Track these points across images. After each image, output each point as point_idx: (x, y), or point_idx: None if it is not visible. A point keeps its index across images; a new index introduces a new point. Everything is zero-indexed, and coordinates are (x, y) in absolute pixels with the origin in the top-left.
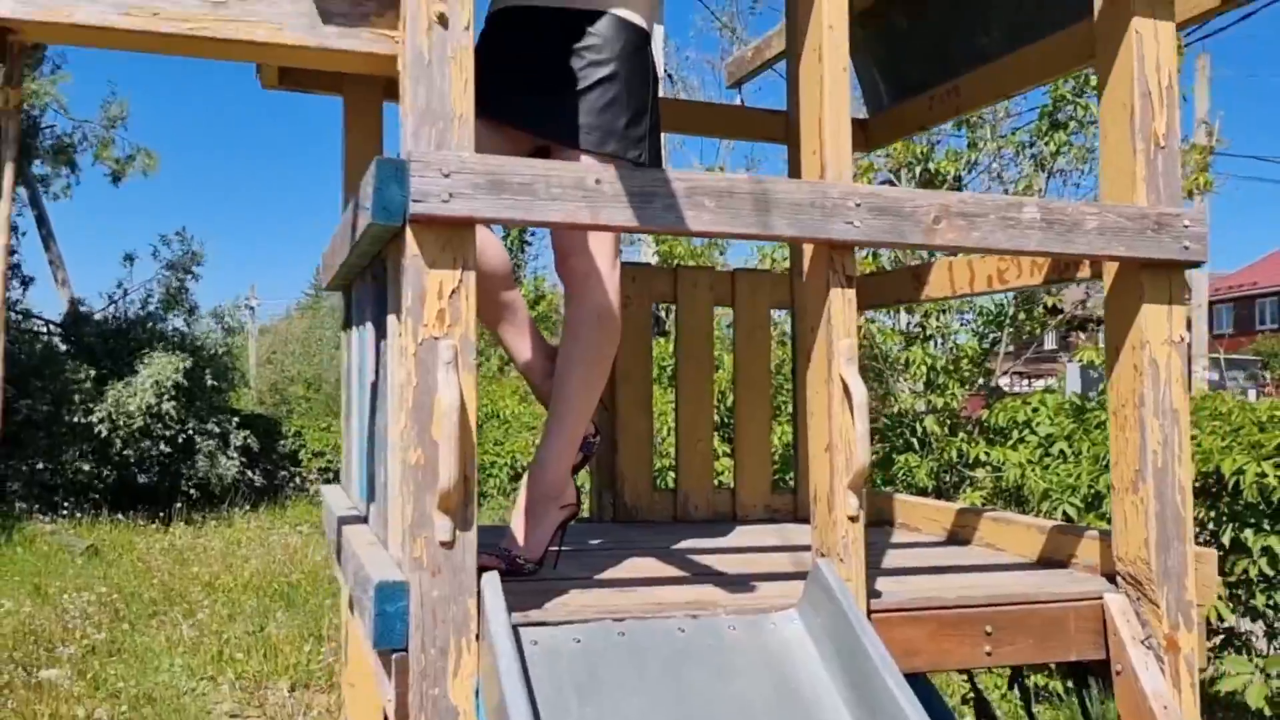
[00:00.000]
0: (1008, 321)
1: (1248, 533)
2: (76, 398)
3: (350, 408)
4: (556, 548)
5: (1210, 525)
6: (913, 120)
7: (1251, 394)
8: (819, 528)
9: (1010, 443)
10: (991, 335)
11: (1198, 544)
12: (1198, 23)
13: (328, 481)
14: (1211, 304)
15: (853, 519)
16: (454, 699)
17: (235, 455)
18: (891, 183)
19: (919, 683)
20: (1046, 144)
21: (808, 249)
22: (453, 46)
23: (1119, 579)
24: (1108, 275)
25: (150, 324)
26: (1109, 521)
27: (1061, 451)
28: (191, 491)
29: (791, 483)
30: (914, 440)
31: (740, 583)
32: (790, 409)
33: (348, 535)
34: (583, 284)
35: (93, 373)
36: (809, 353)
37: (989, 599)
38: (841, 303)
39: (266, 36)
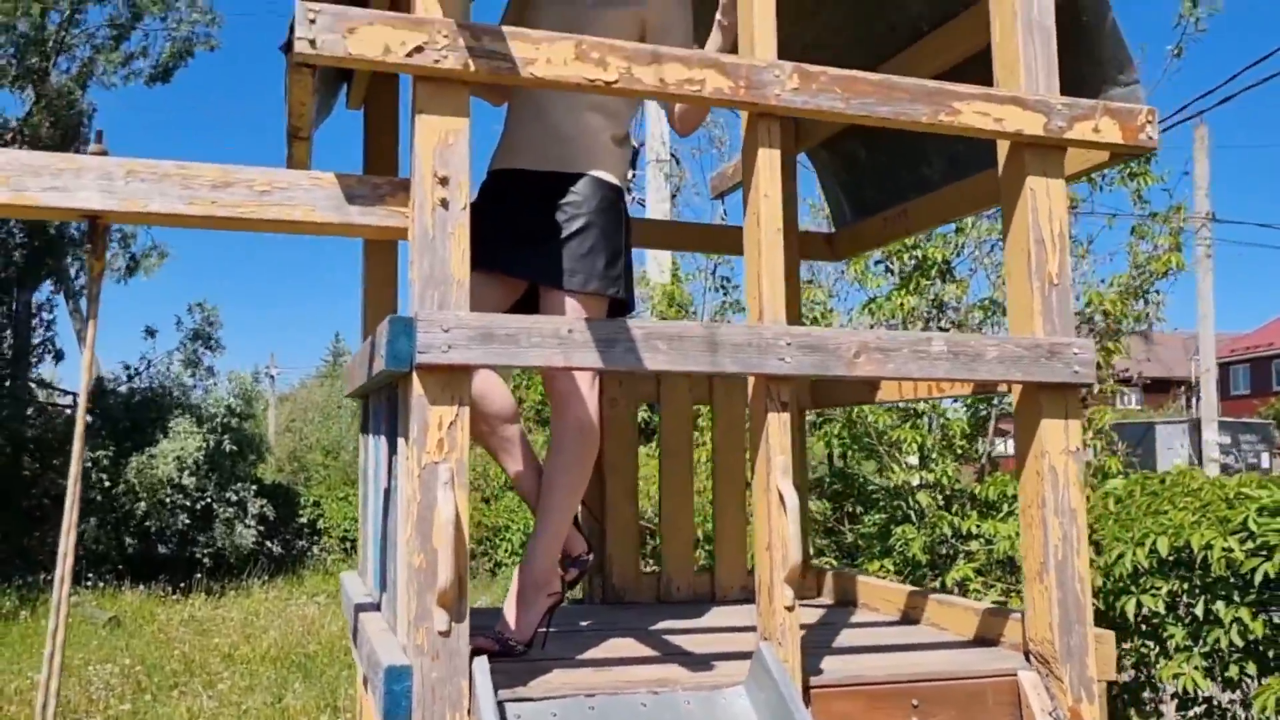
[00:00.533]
0: (997, 398)
1: (1219, 604)
2: (97, 473)
3: (366, 506)
4: (545, 629)
5: (1184, 598)
6: (870, 238)
7: (1265, 458)
8: (761, 614)
9: (1001, 515)
10: (983, 410)
11: (1173, 617)
12: (1087, 175)
13: (346, 552)
14: (1228, 365)
15: (789, 608)
16: None
17: (253, 524)
18: (888, 268)
19: None
20: None
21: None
22: (452, 224)
23: (1031, 657)
24: (1015, 395)
25: (171, 395)
26: (1097, 595)
27: None
28: (209, 561)
29: None
30: (910, 513)
31: (701, 661)
32: None
33: (363, 621)
34: (565, 403)
35: (113, 447)
36: (753, 465)
37: (915, 675)
38: (777, 425)
39: (302, 216)
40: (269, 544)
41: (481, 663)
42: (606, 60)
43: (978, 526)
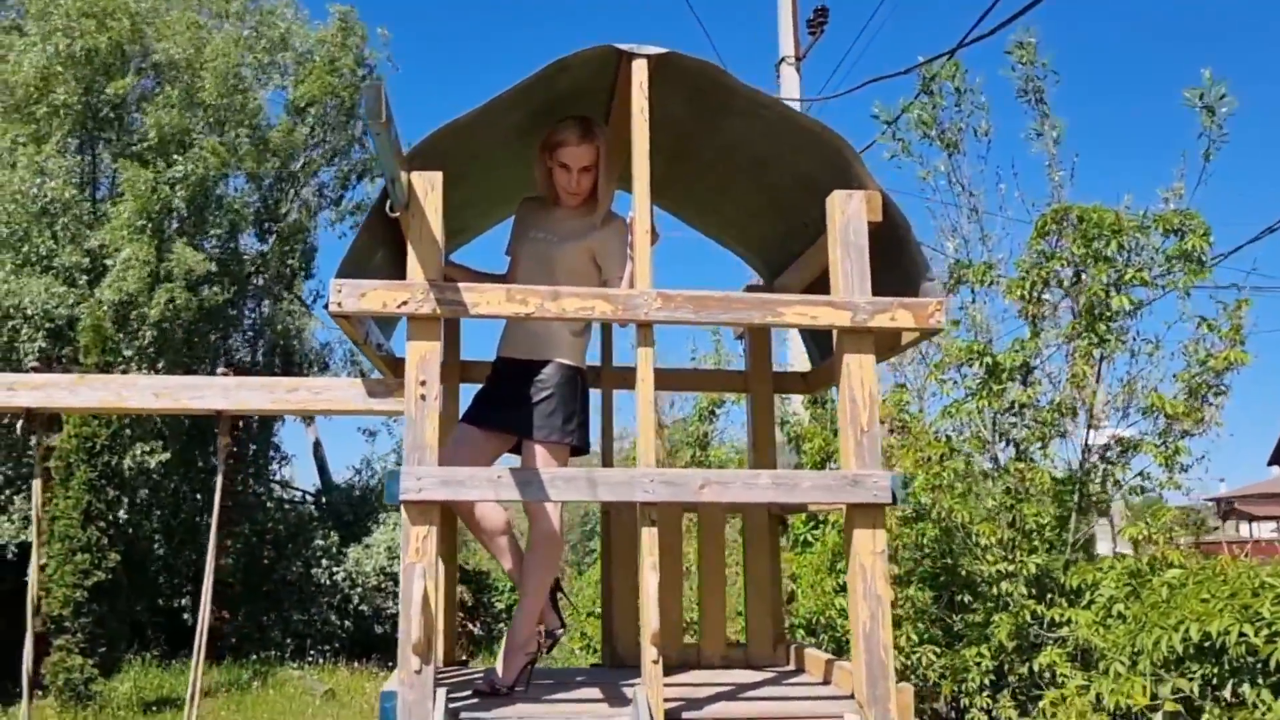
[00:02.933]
0: (1077, 488)
1: (1245, 688)
2: (324, 560)
3: None
4: (525, 675)
5: (1214, 681)
6: (832, 375)
7: None
8: (643, 667)
9: (1084, 603)
10: (1069, 503)
11: (1201, 700)
12: (899, 353)
13: None
14: None
15: (655, 661)
16: None
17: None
18: (974, 378)
19: None
20: (1086, 340)
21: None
22: (428, 409)
23: (856, 701)
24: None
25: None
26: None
27: (1120, 613)
28: None
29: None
30: (1006, 602)
31: (620, 700)
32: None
33: None
34: (536, 518)
35: (337, 537)
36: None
37: (763, 714)
38: (648, 537)
39: (342, 406)
40: (470, 626)
41: (441, 691)
42: (527, 299)
43: (1061, 614)
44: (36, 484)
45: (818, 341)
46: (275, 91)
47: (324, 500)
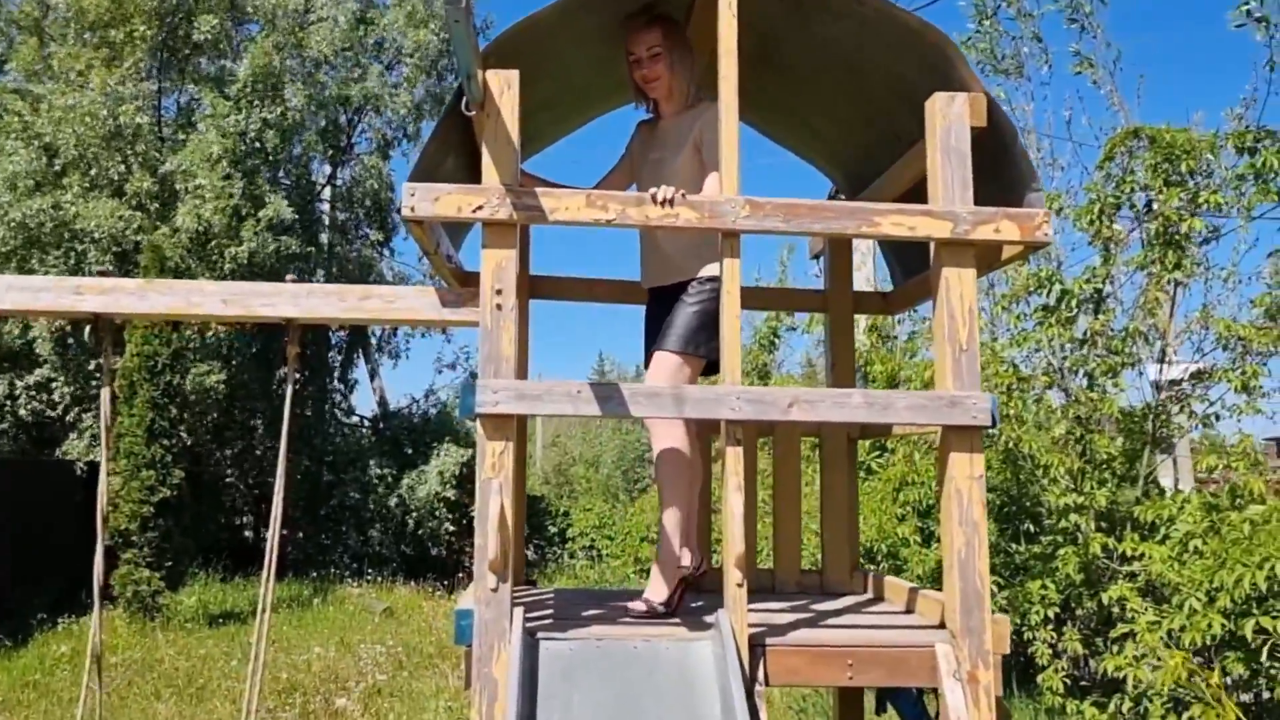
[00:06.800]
0: (1151, 420)
1: None
2: (380, 488)
3: None
4: (680, 591)
5: None
6: (914, 295)
7: None
8: (725, 591)
9: (1159, 538)
10: (1138, 438)
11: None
12: (998, 268)
13: (591, 559)
14: None
15: (739, 585)
16: (496, 675)
17: None
18: (1044, 306)
19: (907, 696)
20: (1160, 265)
21: None
22: (504, 319)
23: (949, 631)
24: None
25: (444, 420)
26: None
27: (1196, 549)
28: (471, 563)
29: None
30: (1075, 535)
31: (697, 625)
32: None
33: None
34: (656, 434)
35: (393, 468)
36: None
37: (852, 642)
38: (733, 456)
39: (414, 315)
40: (524, 550)
41: (518, 611)
42: (608, 205)
43: (1134, 549)
44: (105, 393)
45: (901, 259)
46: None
47: (381, 427)
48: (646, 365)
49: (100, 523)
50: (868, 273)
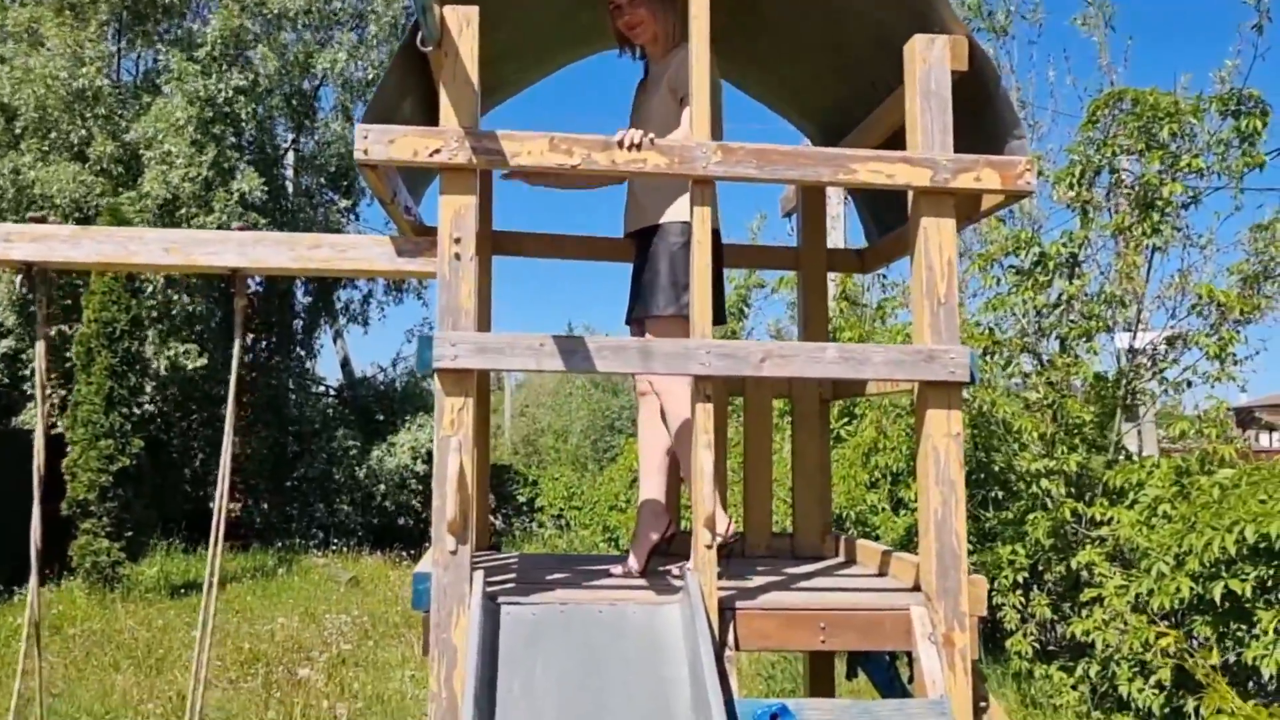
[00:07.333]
0: (1123, 388)
1: None
2: (348, 459)
3: None
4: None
5: (1269, 583)
6: (889, 252)
7: None
8: (693, 553)
9: (1128, 503)
10: (1109, 403)
11: (1263, 602)
12: (977, 220)
13: (560, 528)
14: None
15: (708, 546)
16: (455, 641)
17: None
18: (1018, 269)
19: (879, 661)
20: (1140, 228)
21: None
22: (463, 270)
23: (924, 594)
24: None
25: (414, 390)
26: (1197, 580)
27: (1165, 514)
28: None
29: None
30: (1045, 500)
31: (665, 589)
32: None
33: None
34: (666, 398)
35: (361, 439)
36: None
37: (825, 605)
38: (702, 413)
39: (369, 266)
40: (490, 519)
41: (479, 574)
42: (572, 150)
43: (1102, 514)
44: (40, 346)
45: (877, 214)
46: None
47: (346, 395)
48: (629, 316)
49: (36, 482)
50: (838, 239)
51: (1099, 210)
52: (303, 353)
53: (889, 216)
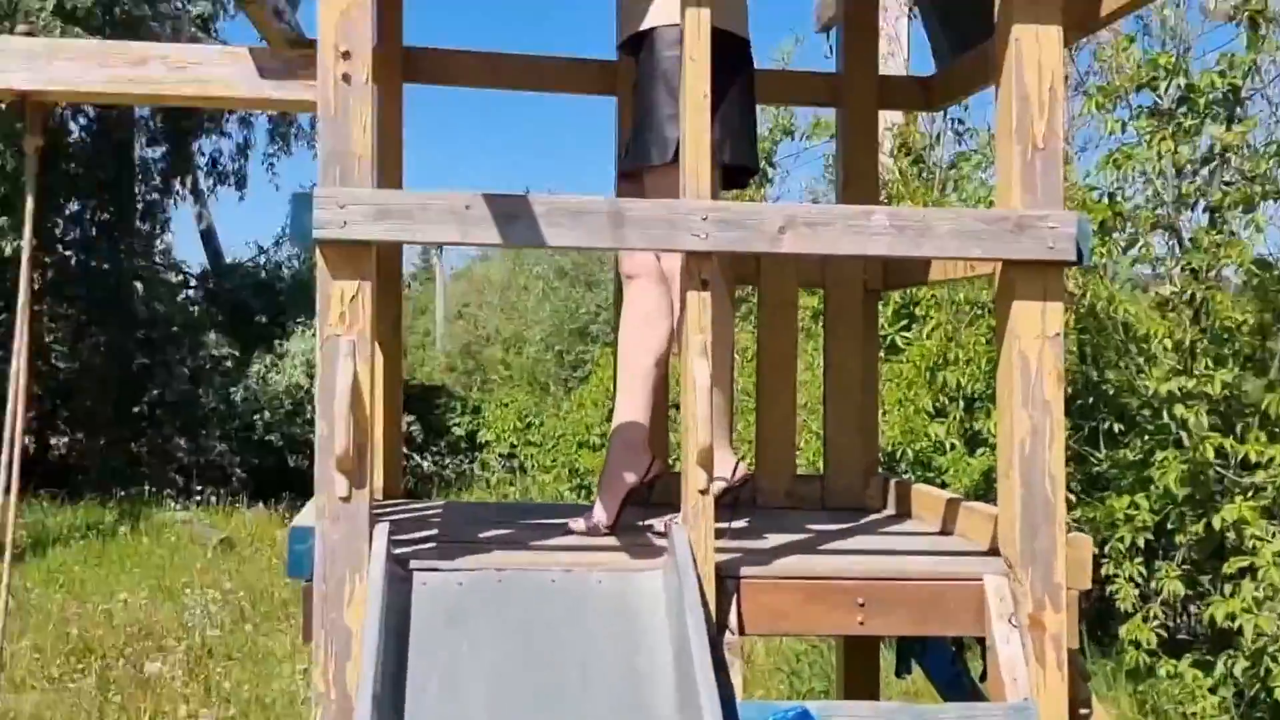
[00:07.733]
0: None
1: None
2: (218, 375)
3: None
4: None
5: None
6: (969, 80)
7: None
8: (683, 502)
9: None
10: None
11: None
12: (1095, 31)
13: (511, 470)
14: None
15: (702, 491)
16: (348, 622)
17: None
18: (1153, 110)
19: (941, 651)
20: None
21: None
22: (356, 96)
23: (1003, 559)
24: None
25: (308, 278)
26: None
27: None
28: None
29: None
30: (1180, 435)
31: (638, 547)
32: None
33: None
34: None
35: (237, 349)
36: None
37: (861, 573)
38: (696, 303)
39: (217, 91)
40: (416, 459)
41: (381, 528)
42: None
43: (1260, 452)
44: None
45: (949, 24)
46: None
47: (213, 286)
48: (619, 168)
49: None
50: (897, 66)
51: (1274, 25)
52: (151, 227)
53: (967, 27)
